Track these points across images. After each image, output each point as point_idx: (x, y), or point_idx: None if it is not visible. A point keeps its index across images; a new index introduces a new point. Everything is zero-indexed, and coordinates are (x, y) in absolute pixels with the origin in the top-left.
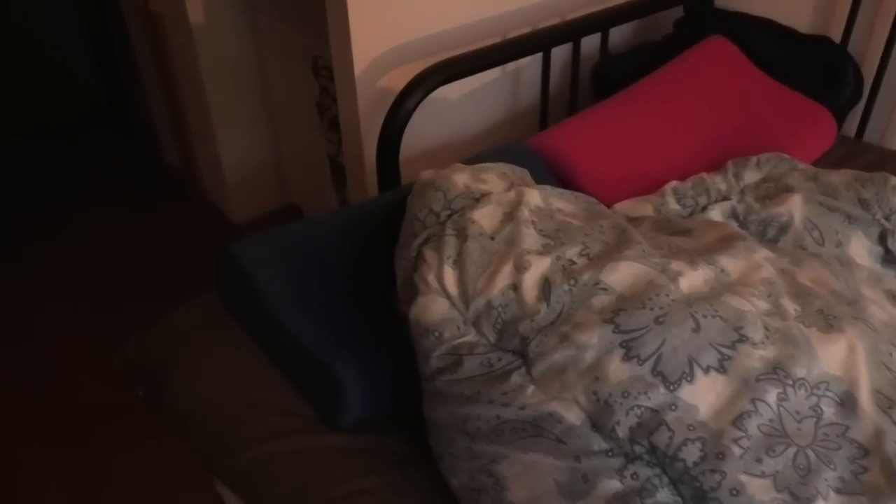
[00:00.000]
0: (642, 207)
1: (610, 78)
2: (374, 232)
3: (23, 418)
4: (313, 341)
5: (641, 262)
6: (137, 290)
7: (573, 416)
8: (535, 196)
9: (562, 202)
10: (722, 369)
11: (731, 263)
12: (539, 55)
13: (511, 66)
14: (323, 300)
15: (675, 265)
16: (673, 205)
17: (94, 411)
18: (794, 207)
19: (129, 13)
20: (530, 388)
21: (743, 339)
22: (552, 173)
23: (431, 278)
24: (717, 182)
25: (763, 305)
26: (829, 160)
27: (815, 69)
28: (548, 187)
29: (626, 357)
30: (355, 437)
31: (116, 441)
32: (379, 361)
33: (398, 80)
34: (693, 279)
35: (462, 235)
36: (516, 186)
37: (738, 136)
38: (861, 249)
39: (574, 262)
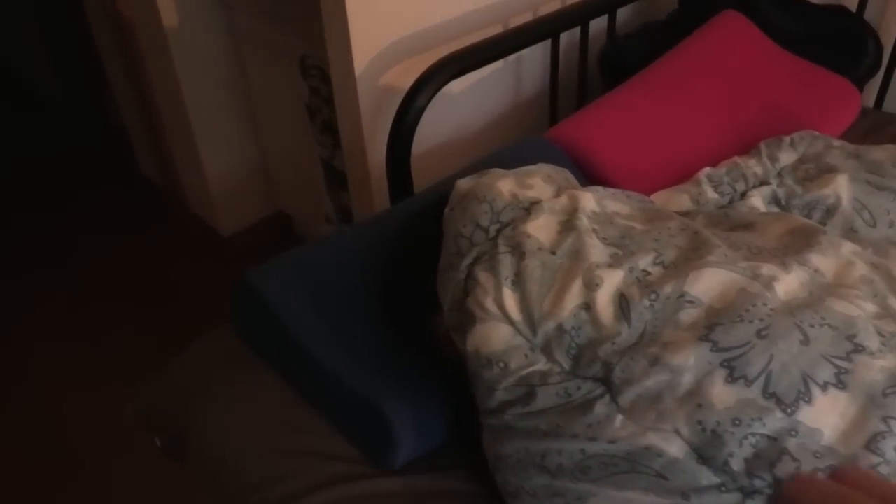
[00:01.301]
0: (679, 198)
1: (619, 61)
2: (401, 247)
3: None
4: (352, 375)
5: (727, 268)
6: (126, 322)
7: (675, 448)
8: (589, 200)
9: (617, 204)
10: (841, 385)
11: (822, 262)
12: (541, 42)
13: (513, 55)
14: (355, 328)
15: (767, 269)
16: (711, 193)
17: (80, 443)
18: (841, 188)
19: (93, 16)
20: (618, 419)
21: (858, 348)
22: (576, 167)
23: (489, 303)
24: (753, 165)
25: (870, 308)
26: (855, 134)
27: (831, 40)
28: (599, 188)
29: (731, 378)
30: (408, 478)
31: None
32: (425, 392)
33: (401, 76)
34: (789, 284)
35: (518, 252)
36: (565, 190)
37: (764, 115)
38: None
39: (649, 273)
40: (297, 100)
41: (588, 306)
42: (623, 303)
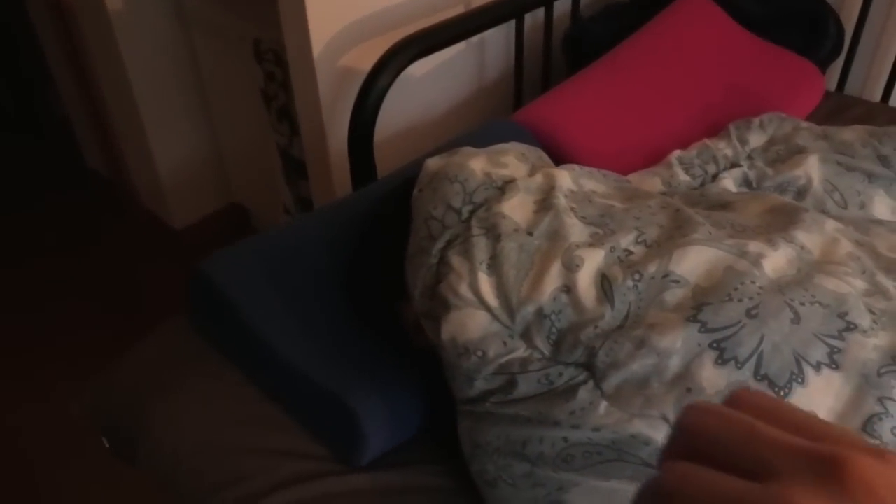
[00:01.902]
0: (650, 181)
1: (584, 43)
2: (365, 233)
3: None
4: (315, 367)
5: (713, 245)
6: (78, 322)
7: (663, 435)
8: (566, 178)
9: (593, 182)
10: (834, 364)
11: (808, 239)
12: (504, 24)
13: (476, 36)
14: (318, 317)
15: (754, 246)
16: (682, 176)
17: (35, 454)
18: (811, 169)
19: (31, 0)
20: (602, 405)
21: (851, 326)
22: (544, 150)
23: (464, 289)
24: (723, 148)
25: (860, 285)
26: (818, 116)
27: (793, 22)
28: (576, 166)
29: (721, 360)
30: (378, 474)
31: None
32: (394, 383)
33: (362, 58)
34: (776, 261)
35: (493, 234)
36: (540, 168)
37: (730, 97)
38: (885, 209)
39: (631, 253)
40: (252, 86)
41: (568, 289)
42: (605, 284)
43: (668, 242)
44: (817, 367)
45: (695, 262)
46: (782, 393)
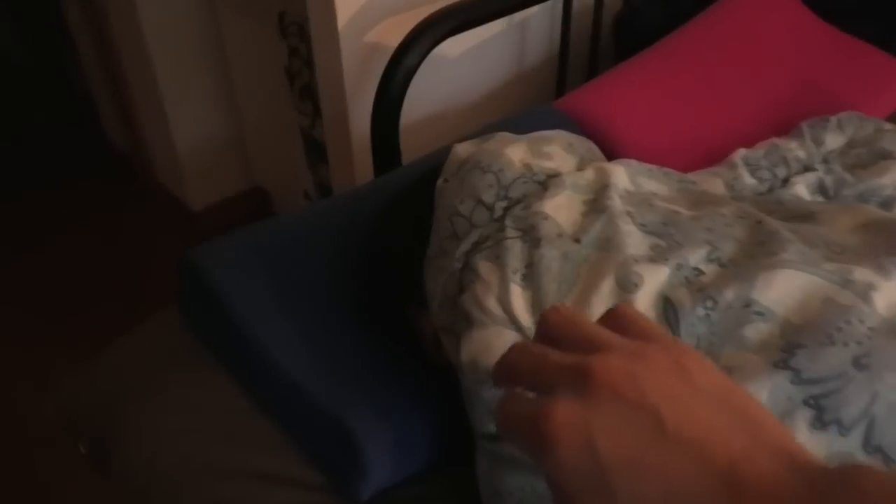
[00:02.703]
0: (711, 182)
1: (637, 28)
2: (382, 227)
3: None
4: (313, 382)
5: (807, 270)
6: (85, 298)
7: None
8: (622, 175)
9: (654, 182)
10: None
11: None
12: (550, 2)
13: (518, 16)
14: (321, 323)
15: (860, 274)
16: (748, 178)
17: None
18: None
19: None
20: None
21: None
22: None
23: (492, 302)
24: (794, 149)
25: None
26: None
27: (874, 12)
28: (632, 162)
29: (820, 423)
30: None
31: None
32: (404, 406)
33: (390, 33)
34: (890, 294)
35: (531, 237)
36: (590, 162)
37: (801, 93)
38: None
39: (701, 272)
40: (277, 63)
41: None
42: (669, 310)
43: (748, 262)
44: None
45: (784, 289)
46: None
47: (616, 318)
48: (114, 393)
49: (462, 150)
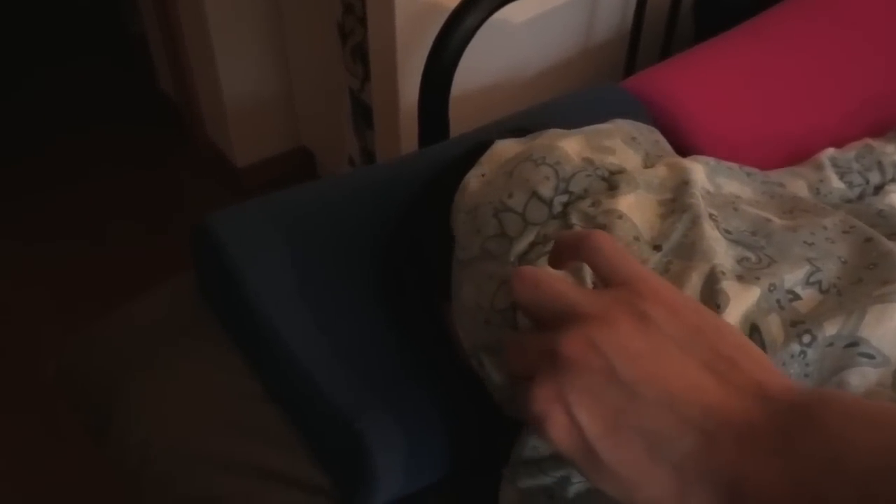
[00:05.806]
0: (793, 184)
1: (722, 6)
2: (417, 206)
3: None
4: (326, 374)
5: None
6: (122, 253)
7: None
8: (700, 173)
9: (735, 183)
10: None
11: None
12: None
13: None
14: (339, 307)
15: None
16: (836, 182)
17: None
18: None
19: None
20: None
21: None
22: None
23: None
24: (891, 153)
25: None
26: None
27: None
28: (710, 159)
29: None
30: None
31: None
32: (422, 408)
33: None
34: None
35: None
36: (660, 158)
37: None
38: None
39: (797, 297)
40: (330, 18)
41: None
42: (755, 340)
43: (854, 289)
44: None
45: None
46: None
47: (589, 250)
48: (116, 363)
49: (504, 148)
